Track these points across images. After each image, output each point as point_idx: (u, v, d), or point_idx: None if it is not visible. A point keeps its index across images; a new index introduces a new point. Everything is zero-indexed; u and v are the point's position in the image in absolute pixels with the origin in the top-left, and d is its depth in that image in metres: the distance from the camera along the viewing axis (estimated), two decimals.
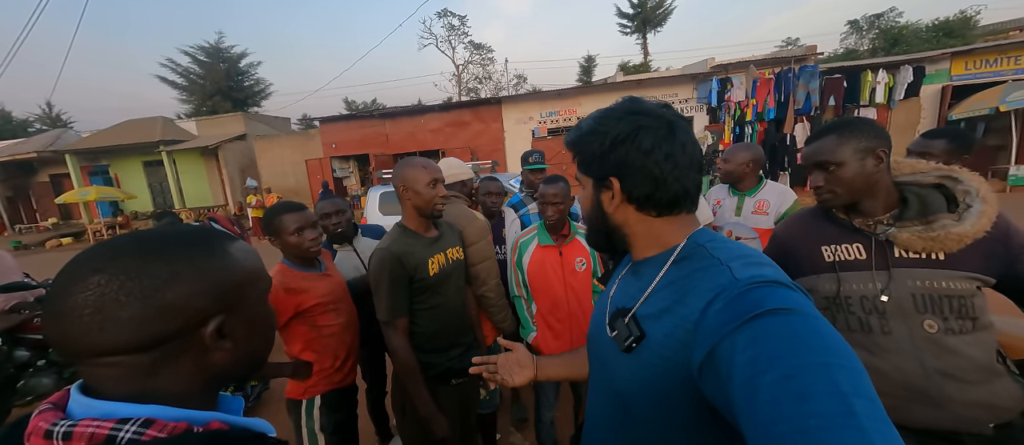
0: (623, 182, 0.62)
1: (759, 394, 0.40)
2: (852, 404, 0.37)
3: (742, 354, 0.43)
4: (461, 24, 24.81)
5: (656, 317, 0.58)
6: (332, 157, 11.65)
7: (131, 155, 13.72)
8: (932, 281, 0.91)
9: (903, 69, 8.69)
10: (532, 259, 1.71)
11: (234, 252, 0.47)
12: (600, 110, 0.65)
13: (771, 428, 0.38)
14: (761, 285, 0.49)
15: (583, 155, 0.67)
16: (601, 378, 0.70)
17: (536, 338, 1.73)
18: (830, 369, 0.39)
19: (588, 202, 0.70)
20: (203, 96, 20.62)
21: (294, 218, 1.43)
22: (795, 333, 0.43)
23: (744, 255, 0.56)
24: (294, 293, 1.40)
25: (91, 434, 0.35)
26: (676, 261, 0.61)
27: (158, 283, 0.39)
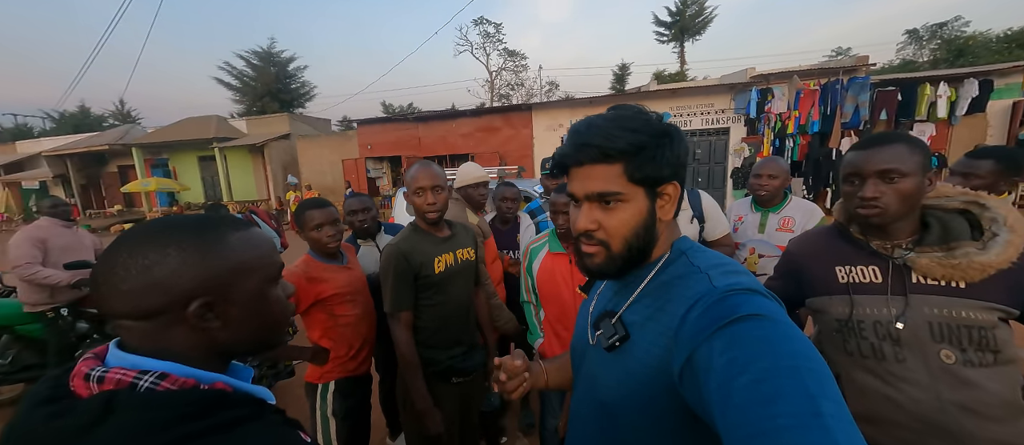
0: (681, 185, 0.62)
1: (733, 397, 0.42)
2: (819, 405, 0.38)
3: (719, 358, 0.45)
4: (496, 32, 25.23)
5: (641, 325, 0.59)
6: (367, 158, 12.13)
7: (188, 150, 14.86)
8: (951, 310, 0.86)
9: (967, 82, 8.02)
10: (542, 266, 1.71)
11: (230, 241, 0.50)
12: (617, 112, 0.61)
13: (744, 428, 0.40)
14: (737, 292, 0.50)
15: (645, 160, 0.58)
16: (585, 388, 0.69)
17: (543, 344, 1.74)
18: (799, 372, 0.41)
19: (640, 216, 0.60)
20: (254, 97, 22.08)
21: (317, 214, 1.56)
22: (767, 337, 0.44)
23: (721, 263, 0.58)
24: (315, 282, 1.51)
25: (118, 379, 0.43)
26: (661, 268, 0.62)
27: (148, 263, 0.45)
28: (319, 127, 17.01)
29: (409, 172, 1.42)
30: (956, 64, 11.87)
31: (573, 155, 0.61)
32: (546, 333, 1.74)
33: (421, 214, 1.42)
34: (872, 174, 0.91)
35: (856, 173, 0.93)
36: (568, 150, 0.62)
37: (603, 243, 0.62)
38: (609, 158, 0.58)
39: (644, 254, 0.62)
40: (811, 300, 1.05)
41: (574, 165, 0.62)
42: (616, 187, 0.59)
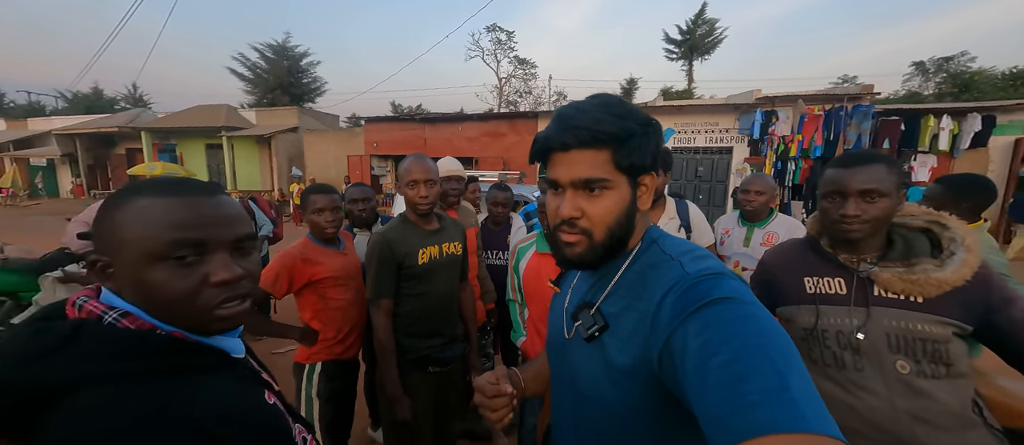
0: (658, 175, 0.64)
1: (708, 377, 0.43)
2: (787, 380, 0.40)
3: (694, 341, 0.46)
4: (508, 39, 25.51)
5: (619, 315, 0.59)
6: (372, 155, 12.24)
7: (196, 137, 15.02)
8: (908, 322, 0.90)
9: (971, 117, 8.08)
10: (528, 265, 1.75)
11: (124, 209, 0.49)
12: (600, 99, 0.60)
13: (720, 407, 0.41)
14: (708, 277, 0.52)
15: (633, 147, 0.58)
16: (564, 383, 0.69)
17: (525, 342, 1.78)
18: (767, 350, 0.43)
19: (622, 204, 0.60)
20: (265, 89, 22.32)
21: (319, 199, 1.63)
22: (738, 318, 0.46)
23: (690, 250, 0.60)
24: (310, 264, 1.58)
25: (90, 310, 0.49)
26: (634, 258, 0.63)
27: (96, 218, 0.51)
28: (327, 123, 17.18)
29: (403, 164, 1.48)
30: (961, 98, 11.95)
31: (558, 139, 0.59)
32: (529, 331, 1.78)
33: (413, 206, 1.47)
34: (854, 193, 0.93)
35: (838, 191, 0.96)
36: (553, 133, 0.59)
37: (585, 231, 0.60)
38: (598, 143, 0.57)
39: (623, 243, 0.62)
40: (781, 309, 1.09)
41: (559, 150, 0.60)
42: (603, 173, 0.58)
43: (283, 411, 0.61)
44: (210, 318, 0.51)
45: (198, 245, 0.50)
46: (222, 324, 0.53)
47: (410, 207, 1.49)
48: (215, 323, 0.52)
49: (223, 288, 0.51)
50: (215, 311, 0.51)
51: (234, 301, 0.53)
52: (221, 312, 0.52)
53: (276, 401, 0.61)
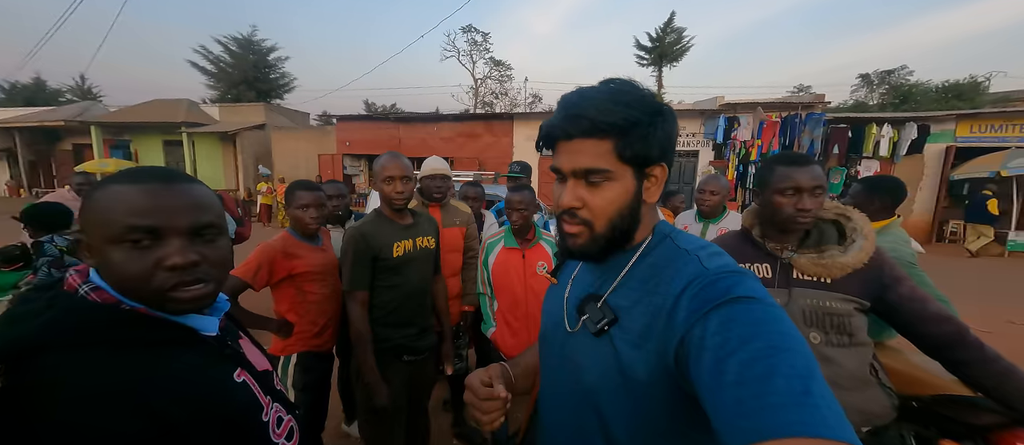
0: (669, 167, 0.60)
1: (726, 375, 0.43)
2: (809, 385, 0.40)
3: (713, 338, 0.46)
4: (483, 40, 25.58)
5: (629, 308, 0.58)
6: (344, 154, 12.00)
7: (153, 133, 14.22)
8: (819, 300, 1.05)
9: (908, 126, 8.83)
10: (497, 260, 1.85)
11: (99, 194, 0.54)
12: (608, 86, 0.58)
13: (737, 406, 0.41)
14: (729, 274, 0.52)
15: (637, 138, 0.55)
16: (564, 377, 0.66)
17: (495, 333, 1.88)
18: (791, 353, 0.42)
19: (626, 196, 0.58)
20: (229, 84, 21.37)
21: (305, 195, 1.67)
22: (761, 319, 0.46)
23: (705, 246, 0.59)
24: (290, 257, 1.61)
25: (70, 283, 0.55)
26: (644, 252, 0.61)
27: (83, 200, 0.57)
28: (297, 120, 16.67)
29: (380, 161, 1.53)
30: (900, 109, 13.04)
31: (561, 127, 0.57)
32: (498, 323, 1.88)
33: (388, 201, 1.53)
34: (808, 189, 1.06)
35: (797, 187, 1.06)
36: (557, 122, 0.58)
37: (586, 223, 0.59)
38: (600, 133, 0.55)
39: (627, 236, 0.61)
40: None
41: (562, 138, 0.58)
42: (604, 164, 0.56)
43: (255, 390, 0.63)
44: (166, 299, 0.54)
45: (151, 231, 0.53)
46: (180, 305, 0.55)
47: (385, 202, 1.55)
48: (173, 304, 0.55)
49: (177, 272, 0.54)
50: (169, 293, 0.54)
51: (193, 285, 0.56)
52: (177, 294, 0.54)
53: (247, 379, 0.63)
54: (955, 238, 9.06)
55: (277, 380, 0.75)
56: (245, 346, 0.71)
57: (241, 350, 0.68)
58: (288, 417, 0.68)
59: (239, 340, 0.71)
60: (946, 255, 8.10)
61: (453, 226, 2.16)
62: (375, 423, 1.52)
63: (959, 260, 7.69)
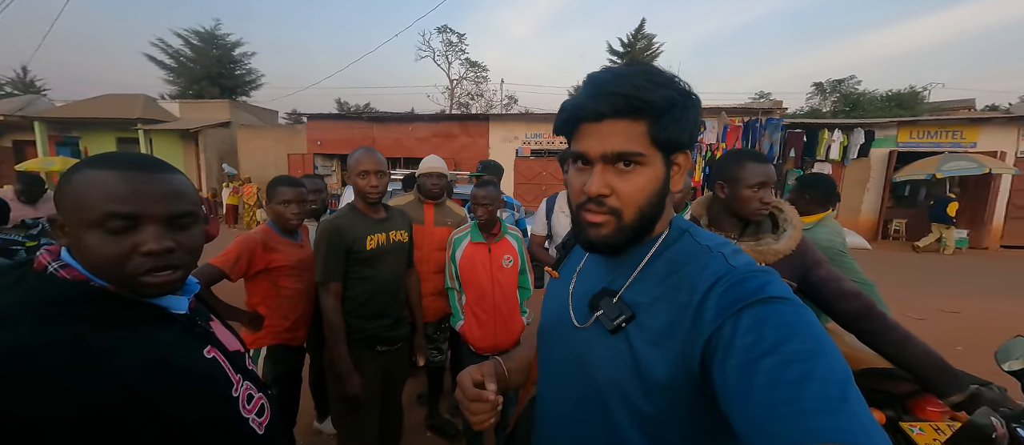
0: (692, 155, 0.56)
1: (757, 376, 0.41)
2: (847, 391, 0.38)
3: (743, 337, 0.44)
4: (459, 41, 25.51)
5: (649, 305, 0.55)
6: (315, 154, 11.70)
7: (106, 130, 13.36)
8: None
9: (856, 131, 9.51)
10: (464, 254, 1.91)
11: (76, 177, 0.55)
12: (638, 65, 0.54)
13: (768, 409, 0.39)
14: (758, 273, 0.50)
15: (670, 119, 0.52)
16: (569, 373, 0.63)
17: (463, 326, 1.93)
18: (826, 358, 0.40)
19: (656, 183, 0.55)
20: (191, 79, 20.35)
21: (287, 191, 1.69)
22: (795, 321, 0.44)
23: (725, 242, 0.57)
24: (269, 251, 1.63)
25: (40, 260, 0.56)
26: (662, 246, 0.58)
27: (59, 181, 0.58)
28: (264, 118, 16.10)
29: (354, 155, 1.56)
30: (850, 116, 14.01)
31: (592, 106, 0.53)
32: (467, 316, 1.94)
33: (362, 195, 1.56)
34: (770, 184, 1.18)
35: (766, 182, 1.18)
36: (585, 101, 0.53)
37: (614, 211, 0.55)
38: (636, 113, 0.52)
39: (651, 227, 0.57)
40: None
41: (591, 119, 0.54)
42: (638, 147, 0.53)
43: (225, 366, 0.64)
44: (137, 283, 0.56)
45: (129, 217, 0.55)
46: (150, 289, 0.57)
47: (359, 196, 1.58)
48: (143, 288, 0.56)
49: (151, 257, 0.55)
50: (142, 277, 0.56)
51: (165, 270, 0.57)
52: (148, 279, 0.56)
53: (217, 355, 0.64)
54: (898, 235, 9.81)
55: (249, 361, 0.76)
56: (216, 327, 0.72)
57: (212, 330, 0.70)
58: (259, 394, 0.70)
59: (210, 322, 0.72)
60: (891, 250, 8.78)
61: (444, 225, 2.19)
62: (348, 413, 1.55)
63: (901, 254, 8.36)
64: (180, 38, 20.27)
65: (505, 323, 1.93)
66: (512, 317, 1.96)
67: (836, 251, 1.73)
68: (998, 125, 9.20)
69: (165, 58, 20.47)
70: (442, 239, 2.13)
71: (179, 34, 20.27)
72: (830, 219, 1.90)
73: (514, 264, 1.95)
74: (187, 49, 20.43)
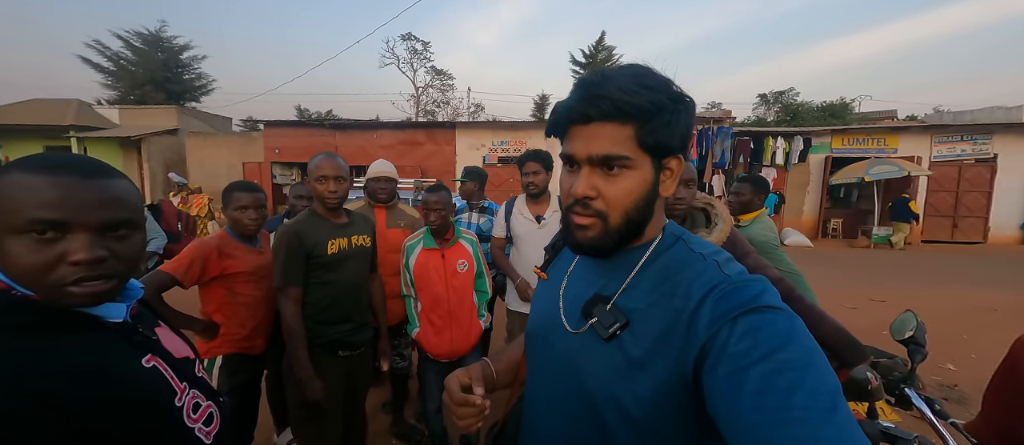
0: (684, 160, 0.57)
1: (747, 383, 0.41)
2: (836, 402, 0.39)
3: (737, 344, 0.44)
4: (424, 49, 25.39)
5: (643, 312, 0.55)
6: (273, 162, 11.23)
7: (33, 137, 12.18)
8: None
9: (796, 139, 10.35)
10: (417, 261, 1.89)
11: (10, 181, 0.51)
12: (633, 68, 0.54)
13: (756, 415, 0.40)
14: (753, 282, 0.50)
15: (658, 123, 0.52)
16: (560, 377, 0.62)
17: (419, 334, 1.91)
18: (817, 369, 0.41)
19: (644, 187, 0.55)
20: (132, 84, 18.94)
21: (245, 196, 1.65)
22: (788, 330, 0.45)
23: (719, 251, 0.57)
24: (225, 256, 1.59)
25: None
26: (654, 252, 0.58)
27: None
28: (217, 125, 15.26)
29: (314, 161, 1.56)
30: (791, 124, 15.19)
31: (579, 109, 0.53)
32: (421, 323, 1.91)
33: (322, 200, 1.56)
34: (685, 180, 1.33)
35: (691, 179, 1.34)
36: (573, 103, 0.54)
37: (600, 214, 0.56)
38: (623, 116, 0.52)
39: (639, 231, 0.58)
40: None
41: (579, 121, 0.55)
42: (624, 150, 0.53)
43: (167, 375, 0.62)
44: (62, 293, 0.52)
45: (58, 224, 0.51)
46: (74, 299, 0.53)
47: (319, 201, 1.57)
48: (68, 298, 0.53)
49: (80, 267, 0.52)
50: (67, 287, 0.52)
51: (94, 280, 0.54)
52: (74, 289, 0.53)
53: (157, 364, 0.62)
54: (836, 233, 10.70)
55: (200, 368, 0.74)
56: (163, 334, 0.70)
57: (155, 337, 0.67)
58: (207, 403, 0.68)
59: (156, 328, 0.70)
60: (829, 248, 9.57)
61: (396, 227, 2.20)
62: (309, 420, 1.53)
63: (838, 251, 9.12)
64: (120, 40, 18.87)
65: (462, 329, 1.90)
66: (469, 322, 1.93)
67: (771, 245, 1.91)
68: (915, 133, 10.31)
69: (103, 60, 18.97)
70: (396, 242, 2.14)
71: (119, 35, 18.87)
72: (764, 216, 2.10)
73: (469, 268, 1.95)
74: (128, 51, 19.03)
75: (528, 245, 2.18)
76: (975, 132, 10.02)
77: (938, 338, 3.82)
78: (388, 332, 1.94)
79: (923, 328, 1.11)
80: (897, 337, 1.15)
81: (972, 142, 10.00)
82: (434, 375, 1.95)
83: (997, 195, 9.79)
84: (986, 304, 5.01)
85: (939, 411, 1.01)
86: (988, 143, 9.92)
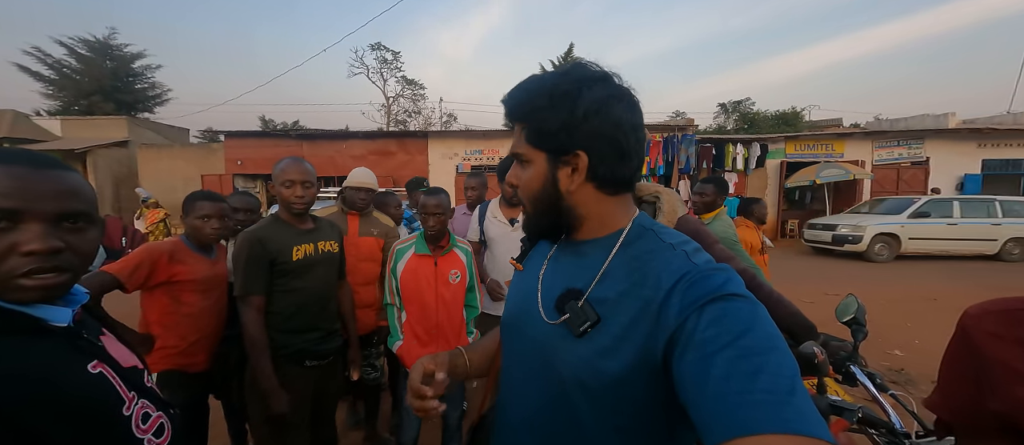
0: (591, 157, 0.57)
1: (714, 368, 0.43)
2: (794, 385, 0.41)
3: (703, 332, 0.46)
4: (395, 59, 25.20)
5: (615, 302, 0.56)
6: (235, 174, 10.76)
7: None
8: None
9: (754, 145, 10.95)
10: (406, 267, 1.74)
11: None
12: (546, 74, 0.59)
13: (722, 400, 0.42)
14: (719, 271, 0.52)
15: (539, 124, 0.58)
16: (535, 365, 0.64)
17: (401, 347, 1.75)
18: (779, 354, 0.44)
19: (539, 180, 0.61)
20: (77, 93, 17.68)
21: (207, 205, 1.59)
22: (752, 317, 0.47)
23: (687, 241, 0.59)
24: (176, 262, 1.52)
25: None
26: (624, 243, 0.60)
27: None
28: (172, 136, 14.52)
29: (280, 165, 1.51)
30: (749, 132, 16.09)
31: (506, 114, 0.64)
32: (406, 335, 1.74)
33: (287, 205, 1.51)
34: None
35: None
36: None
37: (522, 201, 0.66)
38: (515, 118, 0.61)
39: (556, 218, 0.62)
40: None
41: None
42: (519, 148, 0.62)
43: (114, 382, 0.60)
44: (13, 285, 0.51)
45: (10, 213, 0.51)
46: (24, 293, 0.52)
47: (284, 207, 1.52)
48: (16, 292, 0.51)
49: (33, 258, 0.51)
50: (17, 279, 0.51)
51: (46, 273, 0.52)
52: (25, 281, 0.51)
53: (105, 371, 0.60)
54: (793, 234, 11.34)
55: (148, 378, 0.71)
56: (109, 342, 0.67)
57: (101, 344, 0.65)
58: (157, 414, 0.65)
59: (101, 336, 0.67)
60: (787, 247, 10.12)
61: (369, 235, 2.15)
62: (274, 437, 1.46)
63: (796, 250, 9.67)
64: (63, 47, 17.63)
65: (449, 344, 1.73)
66: (457, 338, 1.78)
67: (730, 240, 2.02)
68: (858, 139, 11.15)
69: (43, 69, 17.63)
70: (368, 250, 2.09)
71: (62, 42, 17.63)
72: (724, 214, 2.22)
73: (462, 280, 1.79)
74: (72, 59, 17.80)
75: (501, 248, 2.20)
76: (909, 137, 10.96)
77: (885, 326, 4.12)
78: (358, 341, 1.88)
79: (863, 310, 1.21)
80: (841, 318, 1.24)
81: (907, 146, 10.93)
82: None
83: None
84: (926, 294, 5.45)
85: (880, 384, 1.09)
86: (921, 147, 10.87)
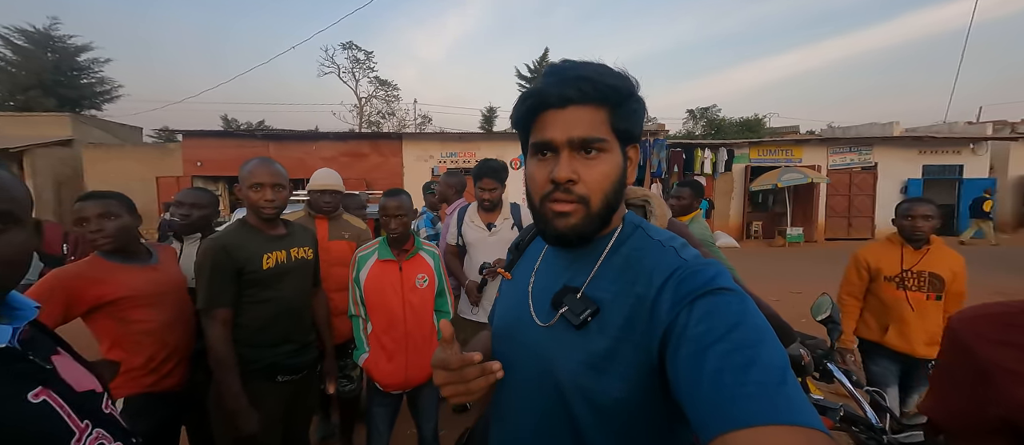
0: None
1: (707, 363, 0.43)
2: (785, 376, 0.42)
3: (695, 326, 0.46)
4: (367, 59, 24.66)
5: (611, 300, 0.56)
6: (194, 176, 10.15)
7: None
8: None
9: (721, 150, 11.42)
10: (370, 274, 1.64)
11: None
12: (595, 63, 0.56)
13: (716, 394, 0.42)
14: (706, 266, 0.52)
15: (627, 109, 0.55)
16: (530, 371, 0.62)
17: (368, 360, 1.66)
18: (768, 346, 0.44)
19: (617, 171, 0.57)
20: (13, 87, 16.26)
21: (87, 206, 1.33)
22: (742, 311, 0.47)
23: (674, 237, 0.59)
24: (96, 283, 1.29)
25: None
26: (616, 242, 0.60)
27: None
28: (123, 135, 13.55)
29: (247, 166, 1.41)
30: (715, 137, 16.80)
31: (557, 92, 0.54)
32: (372, 347, 1.65)
33: (256, 209, 1.41)
34: None
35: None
36: (550, 86, 0.55)
37: (582, 199, 0.55)
38: (600, 99, 0.54)
39: (610, 218, 0.59)
40: None
41: (556, 106, 0.55)
42: (603, 133, 0.55)
43: (61, 411, 0.55)
44: None
45: None
46: None
47: (253, 211, 1.42)
48: None
49: None
50: None
51: None
52: None
53: (49, 398, 0.54)
54: (757, 235, 11.89)
55: (107, 403, 0.65)
56: (62, 363, 0.61)
57: (50, 366, 0.58)
58: (116, 444, 0.61)
59: (54, 356, 0.61)
60: (752, 248, 10.60)
61: (340, 239, 2.08)
62: None
63: (761, 250, 10.14)
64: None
65: (419, 354, 1.64)
66: (427, 347, 1.67)
67: (708, 242, 2.07)
68: (814, 145, 11.84)
69: None
70: (339, 254, 2.01)
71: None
72: (700, 218, 2.28)
73: (429, 284, 1.71)
74: (8, 51, 16.35)
75: (479, 251, 2.20)
76: (859, 144, 11.74)
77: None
78: (334, 352, 1.78)
79: (837, 309, 1.26)
80: (817, 317, 1.29)
81: (858, 153, 11.70)
82: (383, 410, 1.69)
83: (879, 197, 11.50)
84: None
85: (855, 381, 1.14)
86: (870, 153, 11.67)
